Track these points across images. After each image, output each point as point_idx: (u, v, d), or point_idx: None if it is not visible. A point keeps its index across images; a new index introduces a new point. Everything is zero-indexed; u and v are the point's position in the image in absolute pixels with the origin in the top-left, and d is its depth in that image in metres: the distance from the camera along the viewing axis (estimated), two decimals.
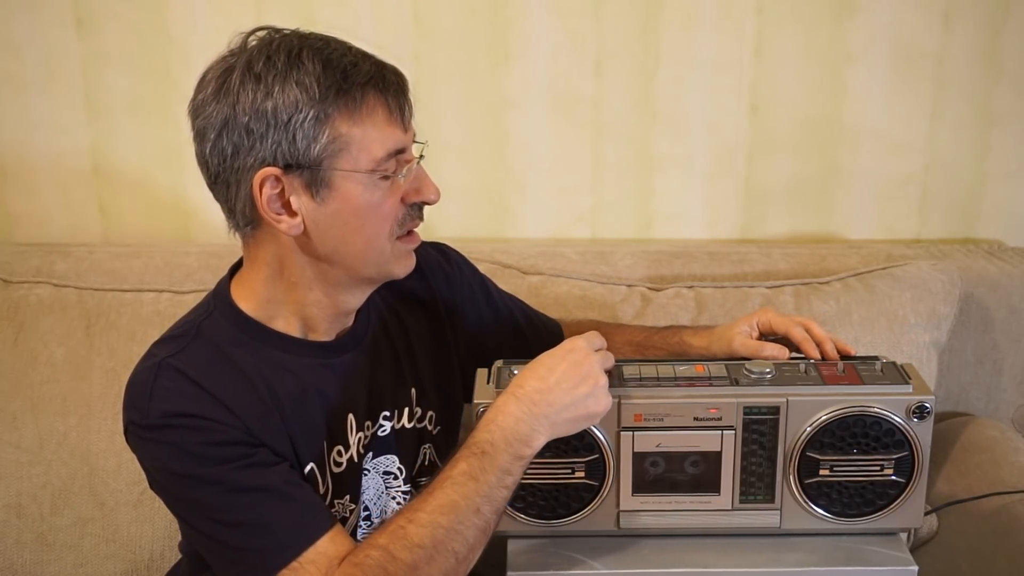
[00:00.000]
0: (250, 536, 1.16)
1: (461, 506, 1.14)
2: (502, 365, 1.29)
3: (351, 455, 1.31)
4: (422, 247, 1.39)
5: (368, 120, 1.16)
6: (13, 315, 1.69)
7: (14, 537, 1.63)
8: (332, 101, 1.13)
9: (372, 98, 1.16)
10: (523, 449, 1.15)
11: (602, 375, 1.19)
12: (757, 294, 1.76)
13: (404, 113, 1.19)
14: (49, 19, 1.84)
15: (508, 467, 1.15)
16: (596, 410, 1.18)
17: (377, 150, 1.16)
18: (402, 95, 1.19)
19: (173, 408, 1.16)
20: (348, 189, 1.17)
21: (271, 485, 1.17)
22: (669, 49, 1.87)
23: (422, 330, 1.42)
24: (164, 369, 1.18)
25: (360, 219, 1.19)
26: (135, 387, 1.19)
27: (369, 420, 1.34)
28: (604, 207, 1.97)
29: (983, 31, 1.87)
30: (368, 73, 1.15)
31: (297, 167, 1.15)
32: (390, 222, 1.20)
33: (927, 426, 1.23)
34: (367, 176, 1.17)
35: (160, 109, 1.89)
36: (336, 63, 1.14)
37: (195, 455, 1.16)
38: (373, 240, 1.21)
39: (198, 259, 1.78)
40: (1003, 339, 1.83)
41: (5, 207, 1.94)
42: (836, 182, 1.95)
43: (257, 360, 1.23)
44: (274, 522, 1.15)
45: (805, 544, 1.27)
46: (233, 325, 1.24)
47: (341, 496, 1.30)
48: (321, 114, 1.13)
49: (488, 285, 1.52)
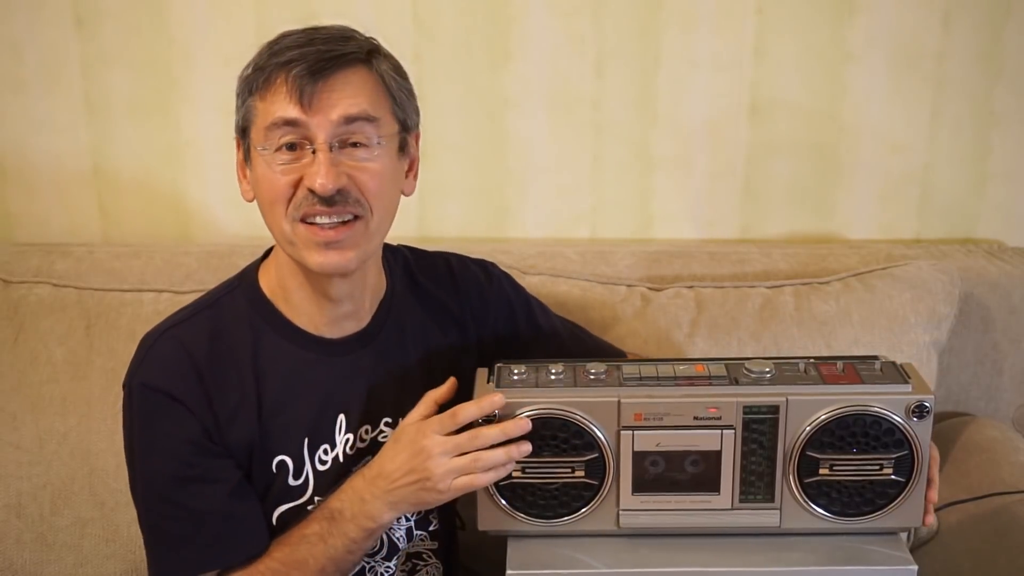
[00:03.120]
0: (159, 538, 1.28)
1: (309, 565, 1.25)
2: (502, 365, 1.29)
3: (336, 454, 1.32)
4: (465, 262, 1.46)
5: (268, 95, 1.21)
6: (13, 315, 1.69)
7: (14, 537, 1.63)
8: (253, 78, 1.22)
9: (277, 76, 1.20)
10: (368, 523, 1.25)
11: (437, 471, 1.20)
12: (757, 294, 1.76)
13: (306, 92, 1.19)
14: (49, 19, 1.84)
15: (355, 536, 1.25)
16: (427, 500, 1.24)
17: (267, 120, 1.21)
18: (317, 76, 1.19)
19: (153, 381, 1.25)
20: (255, 160, 1.24)
21: (194, 506, 1.25)
22: (669, 49, 1.87)
23: (448, 346, 1.41)
24: (167, 337, 1.28)
25: (260, 191, 1.25)
26: (139, 346, 1.30)
27: (368, 424, 1.34)
28: (604, 207, 1.97)
29: (983, 31, 1.87)
30: (292, 55, 1.20)
31: (237, 134, 1.27)
32: (282, 200, 1.22)
33: (927, 425, 1.23)
34: (264, 148, 1.22)
35: (160, 109, 1.89)
36: (275, 48, 1.22)
37: (149, 437, 1.26)
38: (271, 216, 1.25)
39: (198, 259, 1.78)
40: (1003, 339, 1.83)
41: (5, 207, 1.94)
42: (836, 182, 1.95)
43: (258, 346, 1.27)
44: (180, 538, 1.26)
45: (805, 544, 1.27)
46: (250, 305, 1.31)
47: (323, 494, 1.31)
48: (247, 89, 1.23)
49: (532, 305, 1.51)
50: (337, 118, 1.20)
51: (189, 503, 1.25)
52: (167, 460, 1.25)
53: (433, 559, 1.43)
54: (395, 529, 1.37)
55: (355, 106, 1.21)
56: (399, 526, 1.38)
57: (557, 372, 1.26)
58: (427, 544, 1.42)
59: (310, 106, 1.19)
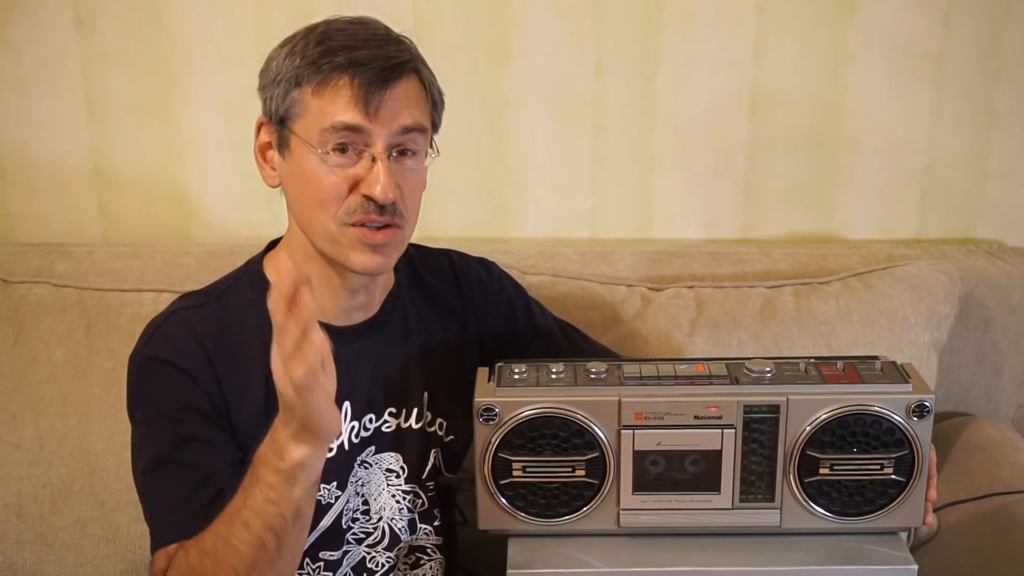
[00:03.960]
0: (159, 503, 1.25)
1: (233, 516, 1.16)
2: (503, 364, 1.29)
3: (342, 442, 1.32)
4: (466, 260, 1.45)
5: (328, 94, 1.21)
6: (13, 315, 1.69)
7: (14, 537, 1.62)
8: (304, 71, 1.22)
9: (338, 77, 1.21)
10: (278, 462, 1.13)
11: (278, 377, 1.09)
12: (757, 294, 1.76)
13: (371, 101, 1.20)
14: (49, 19, 1.84)
15: (271, 481, 1.13)
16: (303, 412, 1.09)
17: (324, 122, 1.21)
18: (380, 85, 1.21)
19: (161, 354, 1.26)
20: (300, 154, 1.24)
21: (195, 464, 1.23)
22: (669, 49, 1.87)
23: (448, 341, 1.42)
24: (176, 317, 1.29)
25: (304, 186, 1.24)
26: (147, 325, 1.31)
27: (372, 413, 1.35)
28: (604, 207, 1.97)
29: (983, 31, 1.87)
30: (353, 57, 1.20)
31: (273, 121, 1.26)
32: (330, 201, 1.23)
33: (927, 425, 1.23)
34: (311, 146, 1.22)
35: (160, 109, 1.89)
36: (330, 43, 1.22)
37: (155, 402, 1.26)
38: (316, 214, 1.24)
39: (198, 259, 1.78)
40: (1003, 339, 1.83)
41: (5, 207, 1.94)
42: (836, 182, 1.96)
43: (265, 333, 1.25)
44: (179, 499, 1.22)
45: (805, 543, 1.27)
46: (255, 293, 1.31)
47: (328, 482, 1.32)
48: (293, 79, 1.22)
49: (531, 306, 1.52)
50: (397, 128, 1.23)
51: (190, 461, 1.23)
52: (176, 423, 1.25)
53: (437, 554, 1.43)
54: (396, 520, 1.37)
55: (411, 116, 1.24)
56: (401, 517, 1.38)
57: (558, 371, 1.27)
58: (431, 539, 1.42)
59: (375, 115, 1.21)
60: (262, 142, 1.29)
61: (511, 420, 1.23)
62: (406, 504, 1.38)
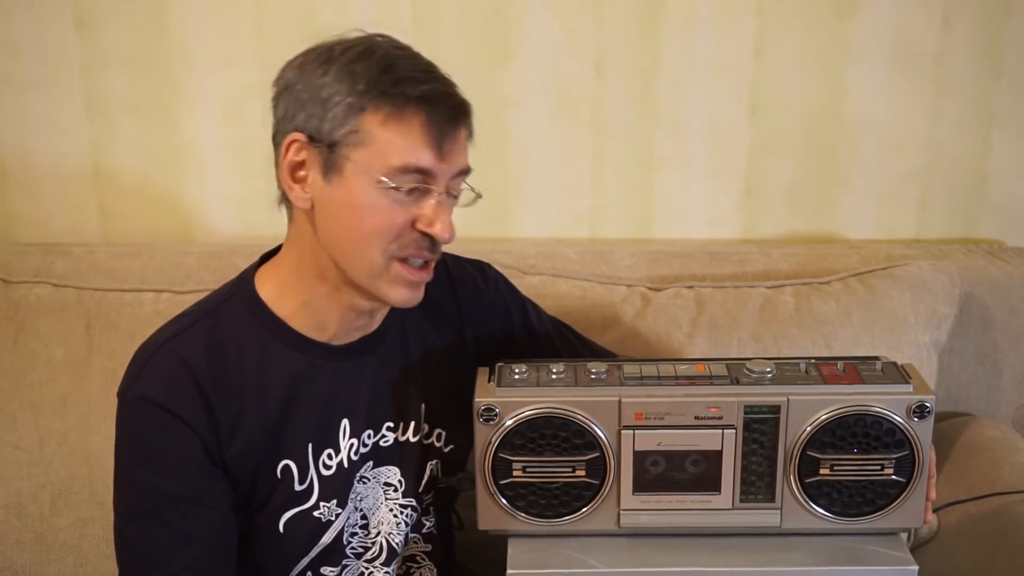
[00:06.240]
0: (138, 556, 1.24)
1: None
2: (503, 364, 1.29)
3: (341, 459, 1.31)
4: (461, 263, 1.44)
5: (400, 129, 1.17)
6: (13, 315, 1.69)
7: (14, 537, 1.63)
8: (371, 98, 1.16)
9: (413, 112, 1.17)
10: None
11: None
12: (757, 294, 1.76)
13: (444, 143, 1.19)
14: (49, 19, 1.84)
15: None
16: None
17: (394, 159, 1.17)
18: (452, 126, 1.19)
19: (153, 395, 1.21)
20: (355, 183, 1.18)
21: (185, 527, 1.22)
22: (669, 49, 1.87)
23: (445, 348, 1.41)
24: (166, 350, 1.24)
25: (357, 217, 1.19)
26: (135, 358, 1.26)
27: (371, 429, 1.34)
28: (604, 207, 1.97)
29: (983, 31, 1.87)
30: (424, 91, 1.17)
31: (319, 142, 1.18)
32: (386, 235, 1.20)
33: (927, 425, 1.23)
34: (376, 178, 1.17)
35: (160, 109, 1.89)
36: (396, 71, 1.17)
37: (145, 450, 1.22)
38: (365, 246, 1.20)
39: (198, 259, 1.77)
40: (1003, 339, 1.83)
41: (5, 207, 1.94)
42: (836, 182, 1.96)
43: (260, 353, 1.25)
44: (161, 557, 1.22)
45: (805, 544, 1.27)
46: (248, 312, 1.27)
47: (328, 500, 1.31)
48: (356, 104, 1.16)
49: (527, 308, 1.50)
50: (457, 169, 1.22)
51: (180, 524, 1.22)
52: (164, 477, 1.22)
53: (427, 561, 1.43)
54: (394, 535, 1.37)
55: (465, 159, 1.24)
56: (398, 531, 1.37)
57: (558, 371, 1.27)
58: (420, 547, 1.42)
59: (444, 156, 1.19)
60: (293, 161, 1.21)
61: (511, 420, 1.23)
62: (403, 518, 1.37)
